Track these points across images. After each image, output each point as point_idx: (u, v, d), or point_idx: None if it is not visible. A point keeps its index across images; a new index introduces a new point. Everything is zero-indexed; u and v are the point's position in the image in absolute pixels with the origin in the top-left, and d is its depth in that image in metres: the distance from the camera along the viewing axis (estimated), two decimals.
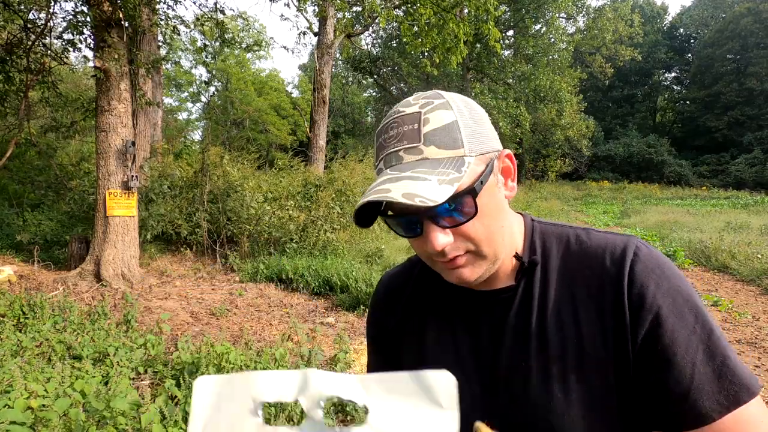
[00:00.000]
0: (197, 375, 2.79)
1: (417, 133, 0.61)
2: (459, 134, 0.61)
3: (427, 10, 7.84)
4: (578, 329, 0.63)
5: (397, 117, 0.64)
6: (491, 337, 0.69)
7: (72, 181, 7.73)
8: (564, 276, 0.67)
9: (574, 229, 0.72)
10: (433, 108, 0.62)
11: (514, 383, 0.65)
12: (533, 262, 0.69)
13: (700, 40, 39.87)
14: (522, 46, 21.74)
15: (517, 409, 0.64)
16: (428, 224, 0.61)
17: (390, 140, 0.63)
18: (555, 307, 0.66)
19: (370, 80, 30.75)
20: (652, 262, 0.62)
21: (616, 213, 17.23)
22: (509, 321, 0.68)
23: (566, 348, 0.63)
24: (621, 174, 33.95)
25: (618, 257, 0.64)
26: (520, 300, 0.68)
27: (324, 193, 7.72)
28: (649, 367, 0.59)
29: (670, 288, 0.60)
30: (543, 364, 0.64)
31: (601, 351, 0.62)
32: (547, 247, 0.70)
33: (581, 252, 0.68)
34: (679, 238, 9.36)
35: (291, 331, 4.07)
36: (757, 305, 5.22)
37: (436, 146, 0.60)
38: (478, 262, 0.64)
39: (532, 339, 0.65)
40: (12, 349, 3.07)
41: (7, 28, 5.88)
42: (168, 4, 6.67)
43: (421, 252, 0.67)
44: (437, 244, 0.60)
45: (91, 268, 5.50)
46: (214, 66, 26.03)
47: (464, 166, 0.59)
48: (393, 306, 0.81)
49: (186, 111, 32.66)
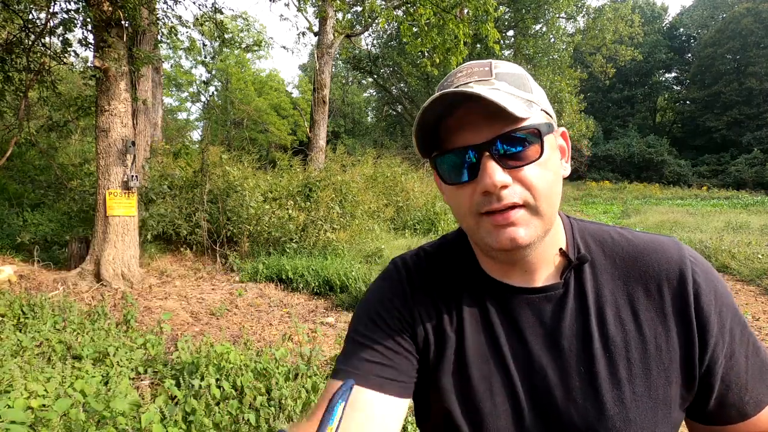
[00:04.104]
0: (197, 375, 2.79)
1: (488, 72, 0.60)
2: (528, 83, 0.61)
3: (427, 11, 7.84)
4: (641, 331, 0.61)
5: (466, 65, 0.63)
6: (543, 339, 0.63)
7: (72, 181, 7.73)
8: (615, 275, 0.64)
9: (613, 227, 0.70)
10: (502, 61, 0.63)
11: (572, 389, 0.60)
12: (583, 259, 0.64)
13: (700, 40, 39.87)
14: (522, 46, 21.74)
15: (573, 416, 0.60)
16: (487, 160, 0.55)
17: (458, 78, 0.60)
18: (613, 308, 0.62)
19: (370, 80, 30.77)
20: (706, 269, 0.64)
21: (616, 213, 17.23)
22: (565, 323, 0.62)
23: (630, 350, 0.60)
24: (621, 174, 33.96)
25: (676, 260, 0.63)
26: (575, 300, 0.63)
27: (324, 193, 7.71)
28: (712, 373, 0.61)
29: (725, 297, 0.63)
30: (608, 369, 0.60)
31: (666, 354, 0.60)
32: (589, 244, 0.67)
33: (632, 251, 0.65)
34: (679, 238, 9.35)
35: (291, 331, 4.07)
36: (757, 305, 5.22)
37: (507, 83, 0.59)
38: (533, 221, 0.57)
39: (594, 341, 0.61)
40: (12, 349, 3.06)
41: (6, 27, 5.88)
42: (168, 4, 6.68)
43: (468, 204, 0.58)
44: (497, 179, 0.54)
45: (91, 268, 5.49)
46: (214, 66, 26.04)
47: (533, 108, 0.58)
48: (412, 282, 0.70)
49: (186, 111, 32.70)
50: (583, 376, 0.60)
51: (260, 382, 2.75)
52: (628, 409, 0.58)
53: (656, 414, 0.59)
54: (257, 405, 2.47)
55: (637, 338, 0.61)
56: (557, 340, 0.62)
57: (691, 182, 31.78)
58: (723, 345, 0.60)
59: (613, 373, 0.60)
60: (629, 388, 0.59)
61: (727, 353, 0.60)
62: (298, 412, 2.48)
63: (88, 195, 7.22)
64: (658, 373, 0.59)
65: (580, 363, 0.61)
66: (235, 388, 2.70)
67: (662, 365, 0.59)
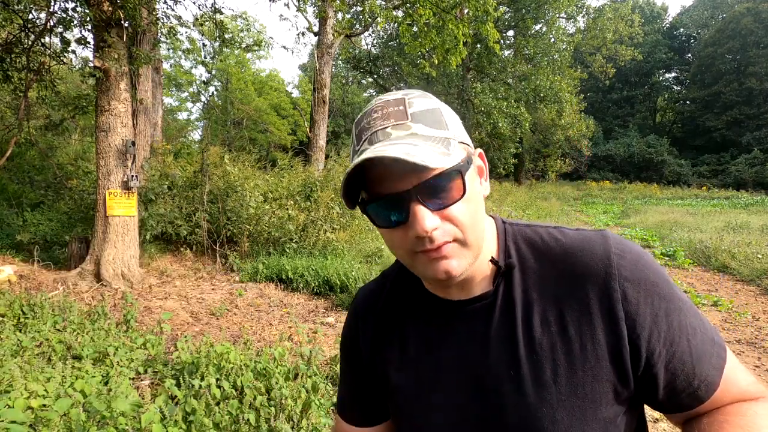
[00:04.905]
0: (197, 375, 2.79)
1: (404, 113, 0.61)
2: (443, 118, 0.62)
3: (427, 11, 7.84)
4: (566, 331, 0.62)
5: (380, 102, 0.63)
6: (475, 347, 0.66)
7: (71, 181, 7.73)
8: (544, 277, 0.65)
9: (546, 228, 0.71)
10: (416, 96, 0.63)
11: (503, 392, 0.63)
12: (510, 266, 0.66)
13: (700, 40, 39.89)
14: (522, 46, 21.74)
15: (508, 418, 0.62)
16: (415, 206, 0.58)
17: (375, 120, 0.61)
18: (540, 310, 0.64)
19: (370, 80, 30.77)
20: (634, 260, 0.63)
21: (616, 213, 17.24)
22: (493, 329, 0.65)
23: (556, 351, 0.62)
24: (621, 174, 34.00)
25: (600, 257, 0.63)
26: (502, 306, 0.66)
27: (324, 193, 7.71)
28: (651, 364, 0.61)
29: (657, 286, 0.62)
30: (534, 370, 0.62)
31: (593, 352, 0.60)
32: (521, 248, 0.68)
33: (559, 251, 0.66)
34: (679, 238, 9.36)
35: (291, 331, 4.07)
36: (757, 305, 5.22)
37: (424, 124, 0.60)
38: (463, 252, 0.61)
39: (520, 346, 0.63)
40: (12, 349, 3.06)
41: (6, 28, 5.88)
42: (168, 4, 6.68)
43: (402, 244, 0.62)
44: (427, 225, 0.57)
45: (91, 268, 5.49)
46: (214, 66, 26.03)
47: (451, 147, 0.59)
48: (368, 318, 0.78)
49: (186, 111, 32.68)
50: (513, 380, 0.63)
51: (260, 382, 2.75)
52: (555, 410, 0.60)
53: (584, 412, 0.60)
54: (257, 405, 2.47)
55: (562, 339, 0.62)
56: (489, 347, 0.65)
57: (691, 182, 31.81)
58: (659, 334, 0.60)
59: (539, 376, 0.61)
60: (555, 389, 0.61)
61: (666, 341, 0.60)
62: (298, 412, 2.48)
63: (87, 195, 7.22)
64: (584, 371, 0.60)
65: (510, 367, 0.63)
66: (235, 388, 2.70)
67: (588, 363, 0.60)
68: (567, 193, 26.63)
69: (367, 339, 0.77)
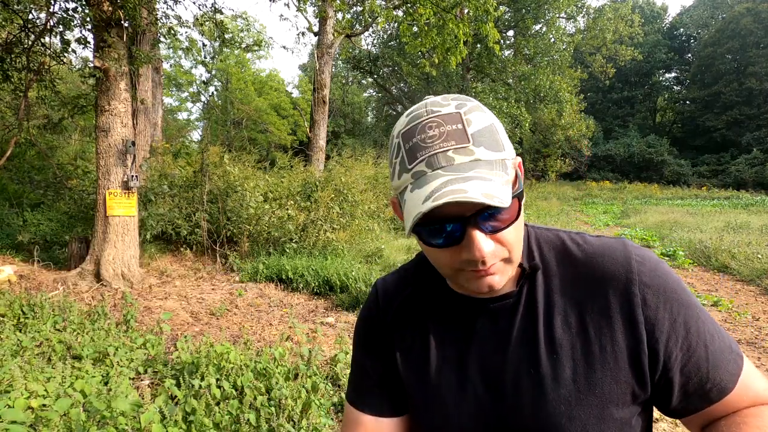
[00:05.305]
0: (197, 375, 2.79)
1: (463, 133, 0.58)
2: (499, 137, 0.61)
3: (427, 11, 7.84)
4: (586, 332, 0.64)
5: (435, 117, 0.60)
6: (497, 345, 0.68)
7: (71, 181, 7.73)
8: (566, 280, 0.67)
9: (567, 233, 0.72)
10: (470, 109, 0.61)
11: (522, 389, 0.64)
12: (535, 267, 0.68)
13: (700, 40, 39.90)
14: (522, 46, 21.74)
15: (526, 415, 0.64)
16: (471, 230, 0.57)
17: (432, 140, 0.59)
18: (562, 312, 0.66)
19: (370, 80, 30.78)
20: (653, 267, 0.65)
21: (616, 213, 17.24)
22: (516, 328, 0.67)
23: (576, 351, 0.63)
24: (621, 174, 34.00)
25: (621, 262, 0.65)
26: (525, 306, 0.67)
27: (324, 193, 7.71)
28: (668, 368, 0.63)
29: (675, 293, 0.64)
30: (553, 369, 0.64)
31: (612, 354, 0.62)
32: (544, 251, 0.70)
33: (581, 256, 0.68)
34: (679, 238, 9.36)
35: (291, 331, 4.07)
36: (757, 305, 5.22)
37: (485, 147, 0.58)
38: (506, 268, 0.62)
39: (541, 345, 0.65)
40: (12, 349, 3.06)
41: (6, 27, 5.88)
42: (168, 4, 6.68)
43: (450, 263, 0.62)
44: (484, 251, 0.57)
45: (91, 268, 5.49)
46: (214, 66, 26.04)
47: (508, 170, 0.59)
48: (388, 311, 0.78)
49: (186, 111, 32.69)
50: (532, 377, 0.64)
51: (260, 382, 2.75)
52: (573, 408, 0.62)
53: (602, 411, 0.62)
54: (257, 405, 2.47)
55: (582, 340, 0.64)
56: (510, 345, 0.67)
57: (691, 182, 31.81)
58: (677, 339, 0.62)
59: (559, 374, 0.63)
60: (573, 388, 0.62)
61: (684, 346, 0.62)
62: (298, 412, 2.48)
63: (87, 195, 7.22)
64: (603, 372, 0.62)
65: (530, 365, 0.65)
66: (235, 388, 2.70)
67: (607, 364, 0.62)
68: (567, 193, 26.63)
69: (388, 330, 0.77)
